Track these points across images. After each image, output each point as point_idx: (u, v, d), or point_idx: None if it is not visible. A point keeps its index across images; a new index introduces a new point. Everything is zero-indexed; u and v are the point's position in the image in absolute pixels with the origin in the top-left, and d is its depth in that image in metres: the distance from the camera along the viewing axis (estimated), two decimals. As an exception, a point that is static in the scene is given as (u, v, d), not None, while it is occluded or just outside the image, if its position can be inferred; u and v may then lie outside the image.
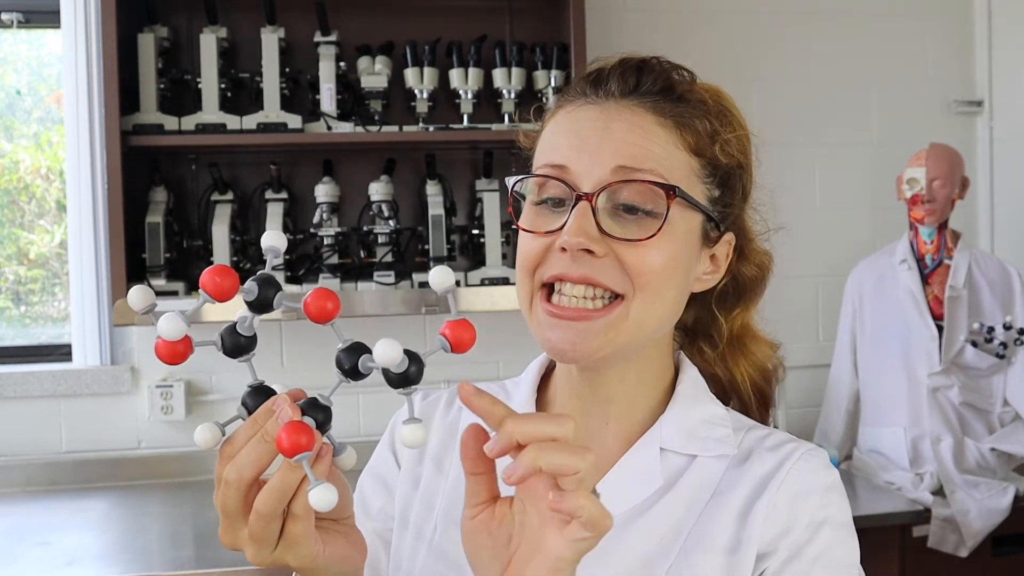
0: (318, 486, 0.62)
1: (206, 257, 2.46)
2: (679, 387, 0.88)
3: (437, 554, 0.86)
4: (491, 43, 2.58)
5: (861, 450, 2.66)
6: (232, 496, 0.66)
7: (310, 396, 0.66)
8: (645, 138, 0.80)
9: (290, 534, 0.67)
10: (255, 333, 0.67)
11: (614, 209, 0.79)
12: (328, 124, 2.43)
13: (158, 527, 2.23)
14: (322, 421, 0.65)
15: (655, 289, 0.79)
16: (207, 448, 0.66)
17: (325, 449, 0.65)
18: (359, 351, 0.64)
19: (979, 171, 3.05)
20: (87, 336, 2.57)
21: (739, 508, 0.81)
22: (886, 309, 2.63)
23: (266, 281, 0.65)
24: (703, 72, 0.89)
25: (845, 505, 0.83)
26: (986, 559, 2.41)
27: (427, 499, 0.90)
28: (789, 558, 0.79)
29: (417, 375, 0.64)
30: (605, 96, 0.83)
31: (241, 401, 0.68)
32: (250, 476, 0.65)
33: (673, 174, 0.80)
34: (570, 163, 0.80)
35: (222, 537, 0.69)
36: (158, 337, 0.64)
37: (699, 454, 0.84)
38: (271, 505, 0.65)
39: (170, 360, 0.65)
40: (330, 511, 0.64)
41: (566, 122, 0.83)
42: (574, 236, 0.76)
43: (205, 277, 0.63)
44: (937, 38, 3.06)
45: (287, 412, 0.63)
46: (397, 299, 2.41)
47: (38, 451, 2.58)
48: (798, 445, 0.85)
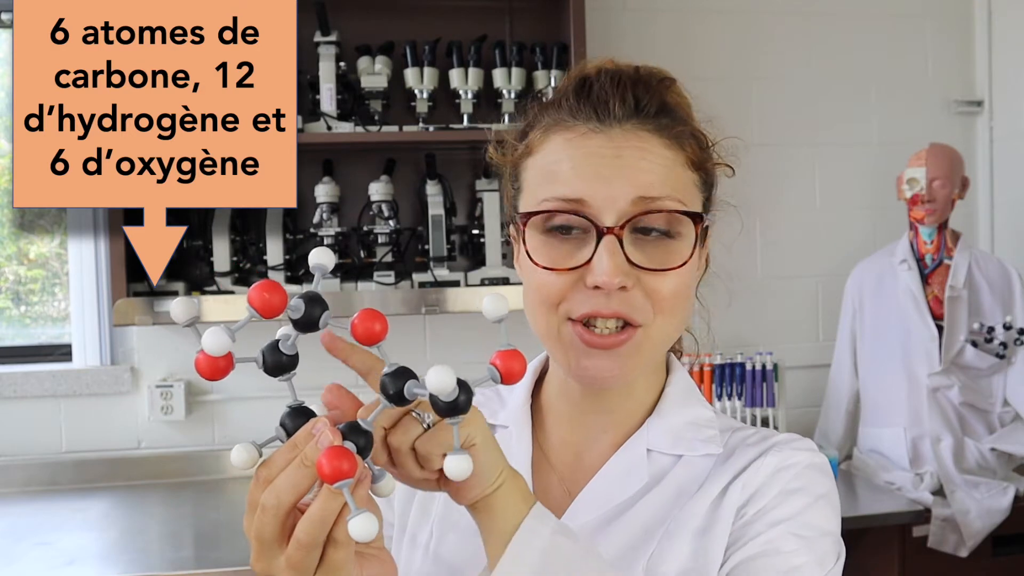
0: (359, 515, 0.60)
1: (206, 258, 2.46)
2: (668, 389, 0.90)
3: (433, 560, 0.86)
4: (491, 43, 2.58)
5: (861, 450, 2.66)
6: (269, 522, 0.63)
7: (351, 420, 0.64)
8: (657, 164, 0.80)
9: (331, 562, 0.64)
10: (297, 352, 0.65)
11: (632, 235, 0.79)
12: (328, 124, 2.43)
13: (158, 527, 2.24)
14: (363, 446, 0.63)
15: (674, 310, 0.81)
16: (244, 468, 0.64)
17: (364, 475, 0.63)
18: (405, 376, 0.62)
19: (979, 171, 3.05)
20: (87, 336, 2.58)
21: (716, 493, 0.83)
22: (886, 309, 2.63)
23: (312, 299, 0.63)
24: (703, 72, 0.90)
25: (827, 483, 0.84)
26: (986, 559, 2.41)
27: (423, 505, 0.90)
28: (753, 518, 0.80)
29: (466, 404, 0.63)
30: (608, 121, 0.81)
31: (280, 422, 0.66)
32: (289, 502, 0.63)
33: (685, 195, 0.81)
34: (587, 196, 0.79)
35: (255, 565, 0.66)
36: (200, 350, 0.62)
37: (685, 453, 0.86)
38: (313, 534, 0.62)
39: (211, 376, 0.63)
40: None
41: (569, 148, 0.82)
42: (612, 276, 0.77)
43: (253, 293, 0.61)
44: (937, 38, 3.06)
45: (327, 436, 0.62)
46: (397, 299, 2.42)
47: (38, 451, 2.58)
48: (784, 436, 0.87)
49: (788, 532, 0.79)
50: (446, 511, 0.88)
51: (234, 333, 0.61)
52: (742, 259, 2.83)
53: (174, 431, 2.62)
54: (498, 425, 0.92)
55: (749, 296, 2.84)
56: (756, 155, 2.73)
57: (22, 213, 2.75)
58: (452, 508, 0.88)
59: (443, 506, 0.89)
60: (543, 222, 0.81)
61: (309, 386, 0.68)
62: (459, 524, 0.87)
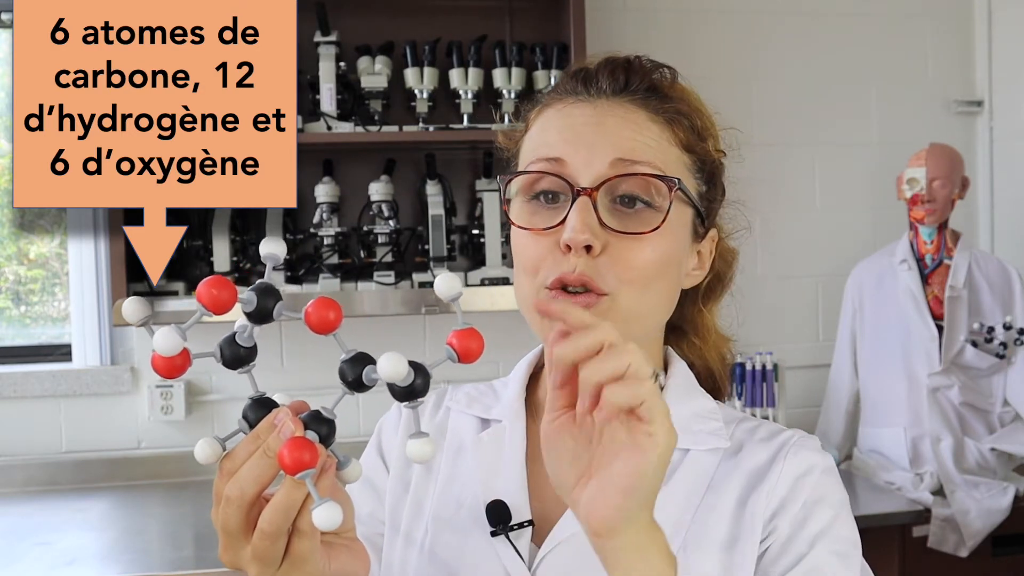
0: (322, 504, 0.60)
1: (206, 257, 2.46)
2: (669, 381, 0.89)
3: (428, 557, 0.86)
4: (491, 43, 2.58)
5: (861, 450, 2.66)
6: (234, 514, 0.64)
7: (312, 409, 0.64)
8: (640, 132, 0.80)
9: (296, 552, 0.65)
10: (255, 343, 0.65)
11: (612, 204, 0.79)
12: (328, 124, 2.43)
13: (158, 527, 2.24)
14: (326, 435, 0.63)
15: (645, 283, 0.79)
16: (207, 463, 0.65)
17: (328, 464, 0.64)
18: (363, 362, 0.62)
19: (979, 171, 3.05)
20: (87, 336, 2.58)
21: (735, 501, 0.82)
22: (886, 309, 2.63)
23: (265, 291, 0.63)
24: (703, 72, 0.90)
25: (841, 486, 0.84)
26: (986, 559, 2.41)
27: (417, 502, 0.89)
28: (791, 536, 0.80)
29: (423, 388, 0.63)
30: (596, 94, 0.83)
31: (242, 414, 0.66)
32: (252, 493, 0.63)
33: (668, 168, 0.81)
34: (566, 156, 0.79)
35: (222, 556, 0.66)
36: (154, 351, 0.62)
37: (692, 447, 0.85)
38: (276, 524, 0.63)
39: (168, 374, 0.63)
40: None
41: (557, 118, 0.83)
42: (580, 233, 0.76)
43: (201, 289, 0.62)
44: (937, 38, 3.06)
45: (289, 427, 0.62)
46: (397, 299, 2.41)
47: (38, 451, 2.58)
48: (792, 434, 0.86)
49: (827, 551, 0.79)
50: (440, 508, 0.88)
51: (185, 332, 0.61)
52: (742, 259, 2.82)
53: (174, 431, 2.62)
54: (492, 420, 0.91)
55: (749, 296, 2.83)
56: (756, 155, 2.73)
57: (22, 213, 2.75)
58: (446, 505, 0.88)
59: (437, 503, 0.88)
60: (527, 189, 0.81)
61: (309, 386, 0.68)
62: (453, 521, 0.87)
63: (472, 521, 0.85)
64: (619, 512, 0.63)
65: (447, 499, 0.88)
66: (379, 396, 2.39)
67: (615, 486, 0.63)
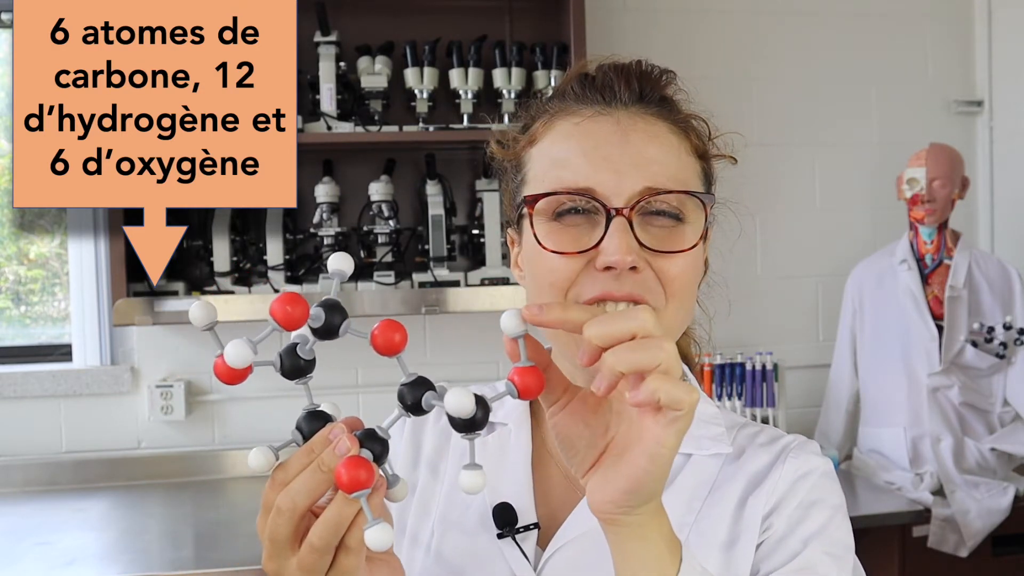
0: (374, 525, 0.60)
1: (206, 257, 2.46)
2: None
3: (435, 558, 0.86)
4: (491, 43, 2.58)
5: (861, 450, 2.66)
6: (283, 525, 0.64)
7: (367, 427, 0.65)
8: (665, 148, 0.80)
9: (342, 566, 0.65)
10: (315, 356, 0.65)
11: (643, 219, 0.78)
12: (328, 124, 2.43)
13: (158, 527, 2.23)
14: (379, 453, 0.63)
15: (684, 295, 0.80)
16: (261, 472, 0.65)
17: (380, 482, 0.64)
18: (423, 387, 0.63)
19: (979, 171, 3.05)
20: (87, 336, 2.58)
21: (736, 502, 0.83)
22: (886, 309, 2.63)
23: (332, 307, 0.63)
24: (703, 72, 0.90)
25: (839, 490, 0.85)
26: (986, 559, 2.41)
27: (423, 504, 0.90)
28: (786, 534, 0.80)
29: (483, 421, 0.63)
30: (614, 105, 0.81)
31: (296, 425, 0.66)
32: (304, 506, 0.63)
33: (691, 182, 0.81)
34: (596, 185, 0.78)
35: (266, 565, 0.67)
36: (219, 356, 0.62)
37: (695, 452, 0.86)
38: (326, 539, 0.63)
39: (230, 381, 0.63)
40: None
41: (578, 135, 0.81)
42: (624, 255, 0.75)
43: (275, 306, 0.61)
44: (937, 38, 3.06)
45: (345, 444, 0.62)
46: (397, 299, 2.41)
47: (38, 451, 2.58)
48: (792, 438, 0.87)
49: (821, 551, 0.79)
50: (447, 509, 0.88)
51: (256, 345, 0.62)
52: (742, 259, 2.83)
53: (174, 431, 2.62)
54: (497, 423, 0.92)
55: (749, 296, 2.84)
56: (756, 155, 2.73)
57: (22, 213, 2.75)
58: (452, 507, 0.88)
59: (444, 505, 0.89)
60: (552, 209, 0.79)
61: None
62: (460, 523, 0.87)
63: (479, 523, 0.86)
64: (627, 497, 0.64)
65: (453, 501, 0.88)
66: (379, 396, 2.40)
67: (624, 473, 0.64)
